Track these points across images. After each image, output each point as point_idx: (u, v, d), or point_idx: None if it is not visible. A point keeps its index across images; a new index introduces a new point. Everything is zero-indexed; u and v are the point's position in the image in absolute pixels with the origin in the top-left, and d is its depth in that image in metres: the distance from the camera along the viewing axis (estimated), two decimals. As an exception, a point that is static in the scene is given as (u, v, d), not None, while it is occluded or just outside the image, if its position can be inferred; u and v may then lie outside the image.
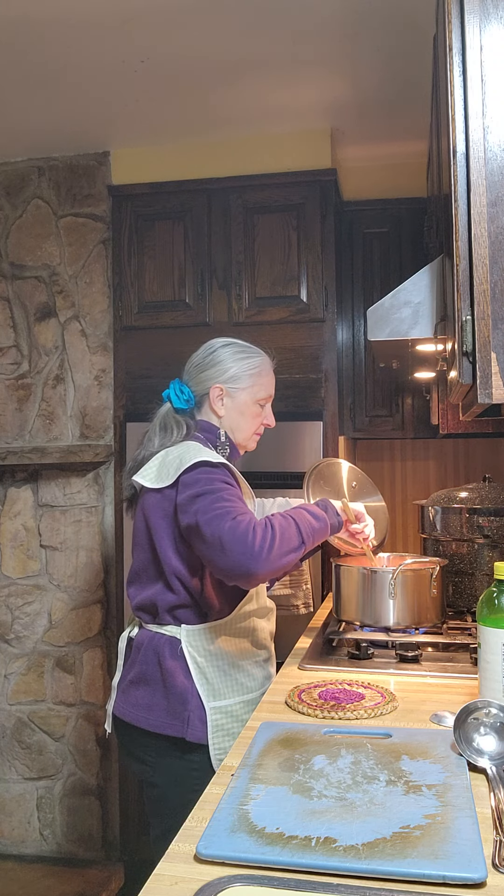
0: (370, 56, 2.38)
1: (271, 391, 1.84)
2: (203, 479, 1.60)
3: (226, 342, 1.81)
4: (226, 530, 1.51)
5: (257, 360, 1.81)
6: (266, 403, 1.83)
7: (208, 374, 1.78)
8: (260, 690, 1.69)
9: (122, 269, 2.99)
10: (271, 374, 1.84)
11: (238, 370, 1.78)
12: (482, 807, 1.06)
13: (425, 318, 1.68)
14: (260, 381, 1.80)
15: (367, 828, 0.98)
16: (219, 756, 1.60)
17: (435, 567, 1.98)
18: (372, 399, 3.10)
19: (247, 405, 1.79)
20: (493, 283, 1.12)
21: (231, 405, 1.78)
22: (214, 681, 1.64)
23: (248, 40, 2.27)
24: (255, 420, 1.81)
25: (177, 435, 1.74)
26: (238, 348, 1.81)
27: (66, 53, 2.33)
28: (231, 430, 1.79)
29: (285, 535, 1.55)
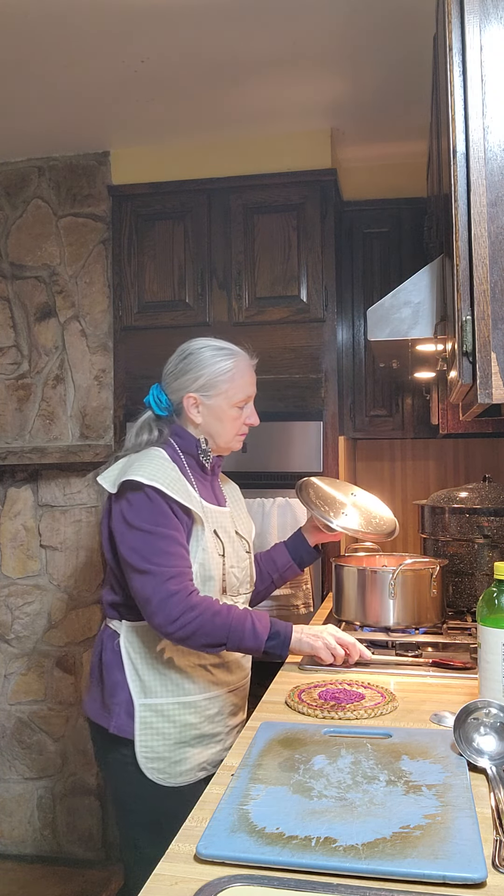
0: (370, 56, 2.38)
1: (250, 391, 1.75)
2: (143, 510, 1.58)
3: (198, 347, 1.74)
4: (154, 594, 1.53)
5: (230, 363, 1.72)
6: (246, 404, 1.76)
7: (181, 382, 1.72)
8: (203, 695, 1.64)
9: (122, 269, 2.99)
10: (249, 374, 1.75)
11: (210, 377, 1.70)
12: (482, 807, 1.06)
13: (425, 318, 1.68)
14: (235, 385, 1.72)
15: (367, 828, 0.98)
16: (146, 754, 1.59)
17: (435, 567, 1.98)
18: (372, 399, 3.10)
19: (223, 410, 1.72)
20: (493, 282, 1.12)
21: (207, 412, 1.71)
22: (147, 678, 1.62)
23: (248, 40, 2.27)
24: (234, 423, 1.74)
25: (147, 440, 1.72)
26: (210, 352, 1.72)
27: (66, 53, 2.33)
28: (211, 435, 1.73)
29: (209, 630, 1.53)
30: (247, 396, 1.74)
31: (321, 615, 2.34)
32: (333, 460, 2.79)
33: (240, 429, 1.75)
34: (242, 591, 1.77)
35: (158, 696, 1.62)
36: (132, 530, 1.58)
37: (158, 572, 1.54)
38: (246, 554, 1.79)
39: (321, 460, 2.75)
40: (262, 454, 2.78)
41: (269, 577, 1.96)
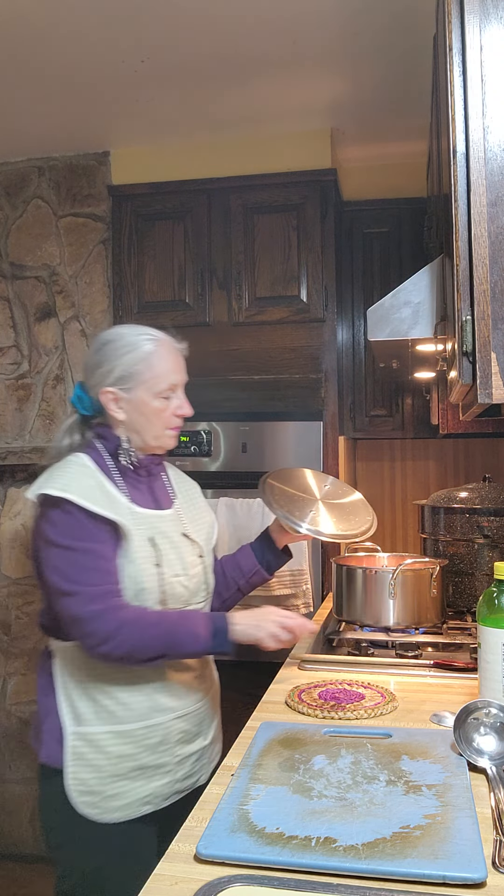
0: (370, 56, 2.38)
1: (175, 379, 1.57)
2: (60, 525, 1.44)
3: (111, 336, 1.57)
4: (81, 615, 1.40)
5: (144, 351, 1.54)
6: (173, 393, 1.57)
7: (96, 378, 1.55)
8: (141, 723, 1.46)
9: (122, 269, 2.99)
10: (172, 359, 1.58)
11: (125, 368, 1.53)
12: (482, 807, 1.06)
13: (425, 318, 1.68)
14: (154, 373, 1.54)
15: (367, 828, 0.98)
16: (76, 787, 1.43)
17: (435, 567, 1.98)
18: (372, 399, 3.10)
19: (145, 403, 1.54)
20: (493, 282, 1.12)
21: (129, 407, 1.54)
22: (79, 703, 1.47)
23: (249, 40, 2.27)
24: (160, 417, 1.55)
25: (69, 445, 1.59)
26: (124, 340, 1.55)
27: (66, 53, 2.33)
28: (136, 432, 1.55)
29: (144, 644, 1.41)
30: (171, 385, 1.55)
31: (321, 615, 2.34)
32: (333, 460, 2.79)
33: (169, 422, 1.57)
34: (196, 602, 1.59)
35: (90, 724, 1.45)
36: (51, 548, 1.44)
37: (83, 592, 1.40)
38: (198, 559, 1.60)
39: (321, 460, 2.75)
40: (262, 454, 2.78)
41: (234, 584, 1.76)
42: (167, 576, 1.50)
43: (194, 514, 1.68)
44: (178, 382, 1.59)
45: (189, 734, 1.54)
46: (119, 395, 1.54)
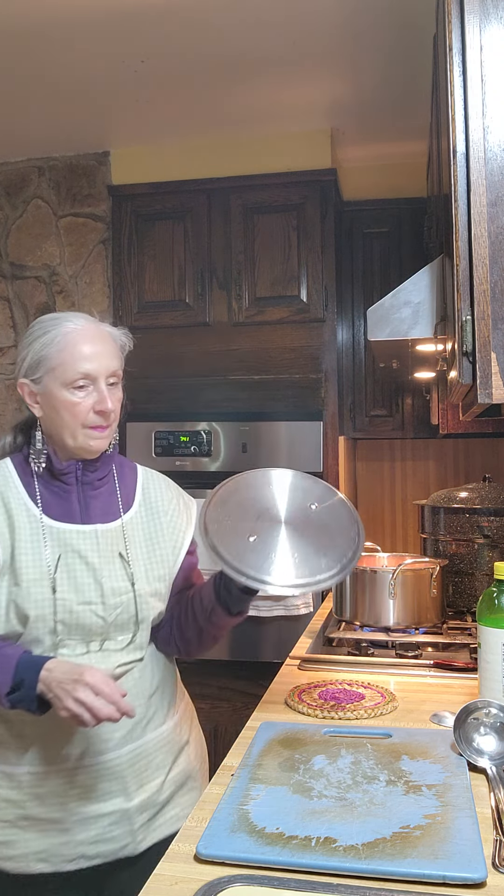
0: (370, 56, 2.38)
1: (88, 367, 1.32)
2: None
3: (32, 323, 1.40)
4: None
5: (51, 335, 1.34)
6: (88, 383, 1.33)
7: (17, 369, 1.41)
8: (26, 768, 1.29)
9: (122, 269, 2.99)
10: (85, 344, 1.35)
11: (32, 356, 1.35)
12: (482, 807, 1.06)
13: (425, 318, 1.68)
14: (61, 360, 1.32)
15: (367, 828, 0.98)
16: None
17: (435, 567, 1.98)
18: (372, 399, 3.10)
19: (53, 395, 1.33)
20: (493, 283, 1.12)
21: (42, 401, 1.37)
22: None
23: (249, 40, 2.27)
24: (74, 412, 1.32)
25: (1, 448, 1.48)
26: (36, 327, 1.38)
27: (66, 53, 2.33)
28: (52, 432, 1.37)
29: None
30: (83, 373, 1.32)
31: (321, 615, 2.34)
32: (333, 460, 2.79)
33: (86, 418, 1.33)
34: (121, 636, 1.34)
35: None
36: None
37: None
38: (128, 585, 1.34)
39: (321, 460, 2.75)
40: (262, 454, 2.78)
41: (193, 620, 1.42)
42: (71, 603, 1.29)
43: (154, 532, 1.42)
44: (97, 372, 1.33)
45: (94, 792, 1.29)
46: (31, 387, 1.37)
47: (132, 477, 1.48)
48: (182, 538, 1.46)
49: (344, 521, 1.41)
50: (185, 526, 1.48)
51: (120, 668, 1.34)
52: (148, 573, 1.39)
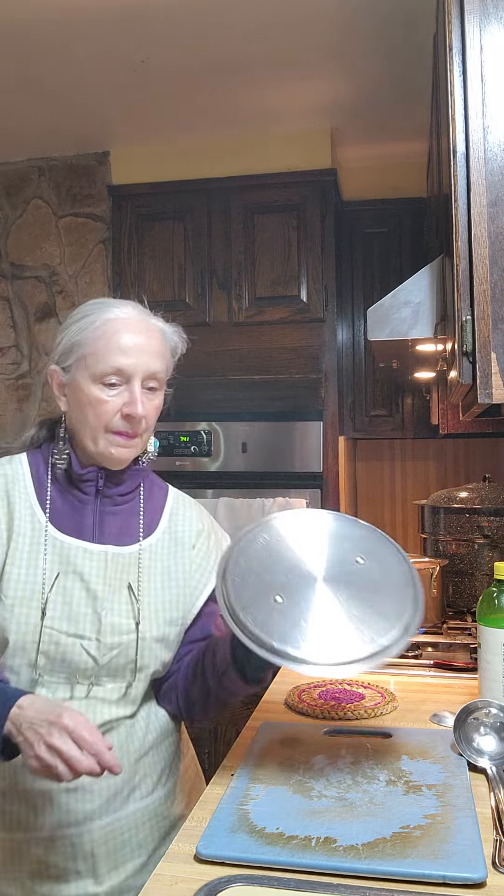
0: (370, 56, 2.38)
1: (119, 361, 1.14)
2: None
3: (79, 307, 1.25)
4: None
5: (90, 320, 1.18)
6: (120, 381, 1.15)
7: None
8: None
9: (122, 269, 2.99)
10: (123, 336, 1.16)
11: (67, 341, 1.19)
12: (482, 807, 1.06)
13: (425, 318, 1.68)
14: (94, 349, 1.15)
15: (367, 828, 0.98)
16: None
17: (435, 567, 1.98)
18: (372, 399, 3.10)
19: (80, 388, 1.16)
20: (493, 283, 1.12)
21: (70, 394, 1.19)
22: None
23: (249, 40, 2.27)
24: (98, 409, 1.15)
25: (21, 443, 1.33)
26: (78, 311, 1.23)
27: (66, 53, 2.33)
28: (76, 430, 1.19)
29: None
30: (116, 368, 1.14)
31: (321, 615, 2.33)
32: (333, 460, 2.79)
33: (110, 421, 1.15)
34: (116, 684, 1.15)
35: None
36: None
37: None
38: (131, 624, 1.16)
39: (321, 460, 2.75)
40: (262, 454, 2.78)
41: (202, 679, 1.20)
42: (60, 633, 1.11)
43: (174, 566, 1.24)
44: (133, 370, 1.15)
45: (54, 869, 1.10)
46: (61, 375, 1.20)
47: (161, 499, 1.29)
48: (206, 579, 1.25)
49: (396, 579, 1.13)
50: (212, 566, 1.26)
51: (108, 723, 1.14)
52: (158, 614, 1.19)
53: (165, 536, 1.26)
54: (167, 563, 1.24)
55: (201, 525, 1.32)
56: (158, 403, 1.21)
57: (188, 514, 1.31)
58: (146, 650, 1.17)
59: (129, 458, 1.19)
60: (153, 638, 1.18)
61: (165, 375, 1.22)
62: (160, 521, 1.27)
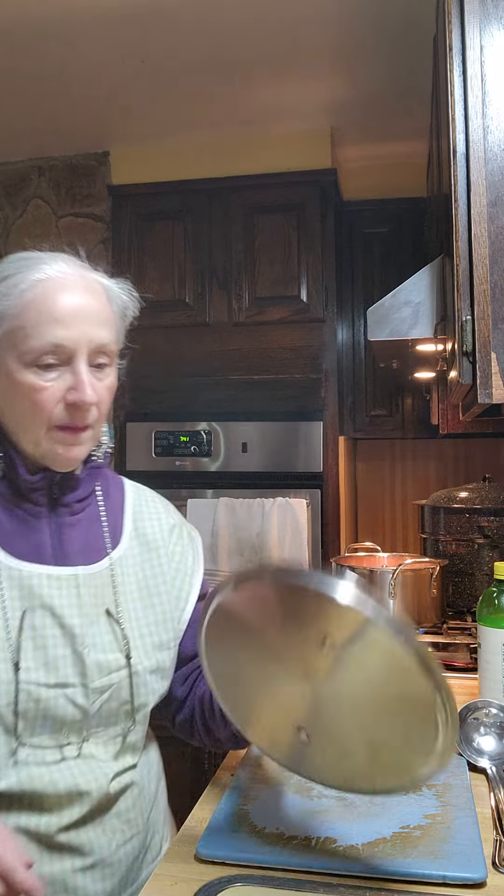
0: (370, 56, 2.38)
1: (56, 335, 0.90)
2: None
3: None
4: None
5: (13, 282, 0.92)
6: (59, 361, 0.91)
7: None
8: None
9: (122, 269, 2.98)
10: (58, 300, 0.91)
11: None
12: (482, 807, 1.06)
13: (425, 318, 1.68)
14: (22, 321, 0.90)
15: (367, 828, 0.98)
16: None
17: (435, 567, 1.98)
18: (372, 399, 3.10)
19: (10, 375, 0.91)
20: (493, 282, 1.12)
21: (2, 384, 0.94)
22: None
23: (249, 40, 2.27)
24: (34, 399, 0.91)
25: None
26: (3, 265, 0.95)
27: (65, 53, 2.33)
28: (12, 428, 0.96)
29: None
30: (53, 345, 0.90)
31: (321, 615, 2.33)
32: (333, 460, 2.79)
33: (52, 413, 0.92)
34: (107, 735, 0.96)
35: None
36: None
37: None
38: (120, 659, 0.96)
39: (321, 460, 2.75)
40: (262, 454, 2.78)
41: (226, 728, 1.03)
42: (39, 687, 0.90)
43: (152, 576, 1.05)
44: (75, 344, 0.91)
45: None
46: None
47: (118, 497, 1.09)
48: (189, 584, 1.08)
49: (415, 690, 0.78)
50: (192, 565, 1.10)
51: (115, 781, 0.96)
52: (146, 639, 1.00)
53: (134, 543, 1.05)
54: (143, 574, 1.04)
55: (171, 520, 1.12)
56: (111, 383, 0.97)
57: (154, 509, 1.11)
58: (142, 686, 0.98)
59: (80, 456, 0.96)
60: (147, 670, 0.99)
61: (117, 347, 0.98)
62: (124, 525, 1.06)
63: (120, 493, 1.11)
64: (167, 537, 1.10)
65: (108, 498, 1.06)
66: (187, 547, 1.12)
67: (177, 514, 1.17)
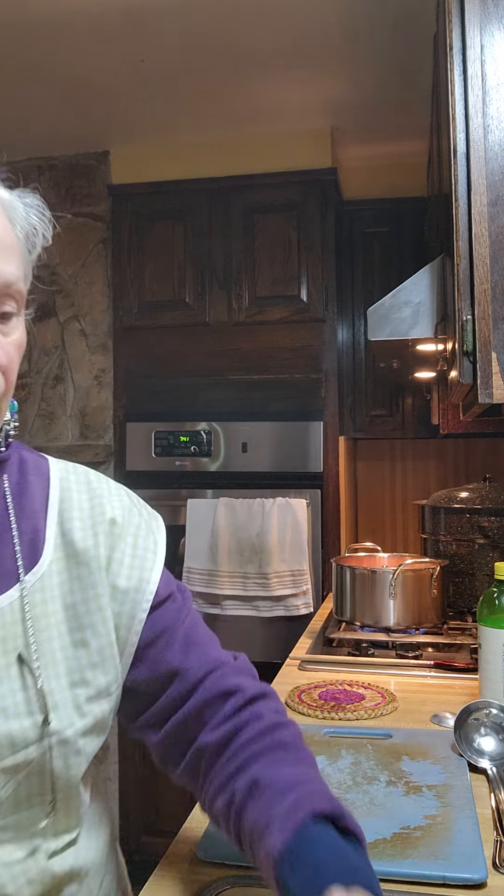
0: (370, 55, 2.37)
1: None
2: None
3: None
4: None
5: None
6: None
7: None
8: None
9: (122, 269, 2.99)
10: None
11: None
12: (482, 807, 1.06)
13: (425, 318, 1.68)
14: None
15: (367, 828, 0.98)
16: None
17: (435, 567, 1.98)
18: (372, 399, 3.10)
19: None
20: (493, 282, 1.11)
21: None
22: None
23: (248, 40, 2.27)
24: None
25: None
26: None
27: (65, 53, 2.33)
28: None
29: None
30: None
31: (321, 615, 2.34)
32: (333, 460, 2.79)
33: None
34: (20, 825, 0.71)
35: None
36: None
37: None
38: (36, 724, 0.70)
39: (321, 460, 2.75)
40: (262, 454, 2.78)
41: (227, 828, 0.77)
42: None
43: (83, 605, 0.77)
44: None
45: None
46: None
47: (40, 492, 0.79)
48: (142, 594, 0.80)
49: None
50: (150, 566, 0.81)
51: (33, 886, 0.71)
52: (77, 689, 0.74)
53: (60, 556, 0.77)
54: (72, 599, 0.76)
55: (115, 510, 0.81)
56: (20, 338, 0.74)
57: (85, 501, 0.80)
58: (66, 758, 0.72)
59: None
60: (79, 732, 0.73)
61: (25, 286, 0.74)
62: (46, 531, 0.77)
63: (43, 484, 0.80)
64: (105, 539, 0.79)
65: (22, 496, 0.77)
66: (141, 543, 0.82)
67: (126, 498, 0.84)
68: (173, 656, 0.81)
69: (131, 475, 2.89)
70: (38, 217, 0.75)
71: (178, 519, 2.76)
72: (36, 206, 0.76)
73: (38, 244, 0.77)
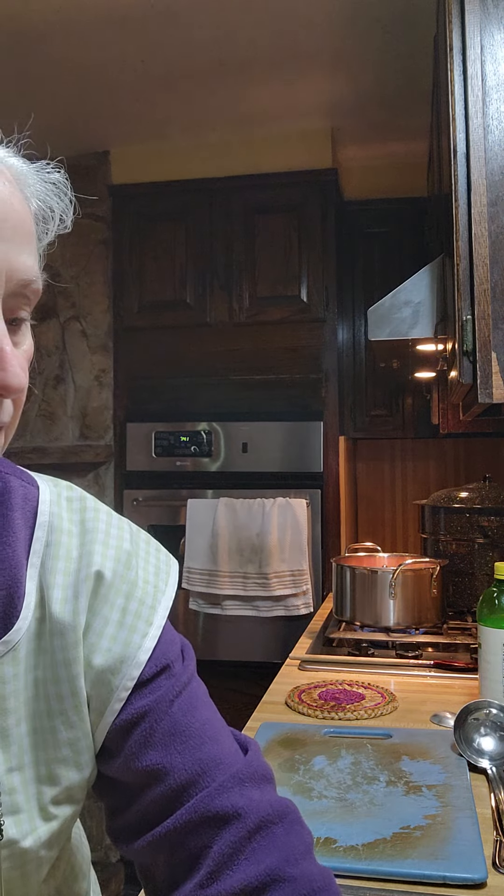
0: (371, 55, 2.37)
1: None
2: None
3: None
4: None
5: None
6: None
7: None
8: None
9: (122, 269, 2.99)
10: None
11: None
12: (482, 807, 1.06)
13: (425, 318, 1.68)
14: None
15: (367, 828, 0.98)
16: None
17: (435, 567, 1.98)
18: (372, 399, 3.10)
19: None
20: (493, 282, 1.12)
21: None
22: None
23: (249, 40, 2.27)
24: None
25: None
26: None
27: (65, 53, 2.33)
28: None
29: None
30: None
31: (321, 615, 2.34)
32: (333, 460, 2.79)
33: None
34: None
35: None
36: None
37: None
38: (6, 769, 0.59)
39: (321, 460, 2.75)
40: (262, 454, 2.78)
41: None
42: None
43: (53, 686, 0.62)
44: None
45: None
46: None
47: (24, 528, 0.64)
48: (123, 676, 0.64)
49: None
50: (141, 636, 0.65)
51: None
52: (42, 787, 0.62)
53: (32, 623, 0.62)
54: (42, 676, 0.62)
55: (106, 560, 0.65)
56: (30, 347, 0.62)
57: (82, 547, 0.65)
58: (29, 866, 0.61)
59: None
60: (40, 843, 0.61)
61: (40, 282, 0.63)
62: (26, 584, 0.62)
63: (28, 522, 0.64)
64: (86, 602, 0.63)
65: (4, 531, 0.62)
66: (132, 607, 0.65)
67: (127, 543, 0.67)
68: (152, 751, 0.62)
69: (131, 475, 2.89)
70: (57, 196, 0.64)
71: (178, 519, 2.76)
72: (58, 181, 0.65)
73: (52, 230, 0.65)
